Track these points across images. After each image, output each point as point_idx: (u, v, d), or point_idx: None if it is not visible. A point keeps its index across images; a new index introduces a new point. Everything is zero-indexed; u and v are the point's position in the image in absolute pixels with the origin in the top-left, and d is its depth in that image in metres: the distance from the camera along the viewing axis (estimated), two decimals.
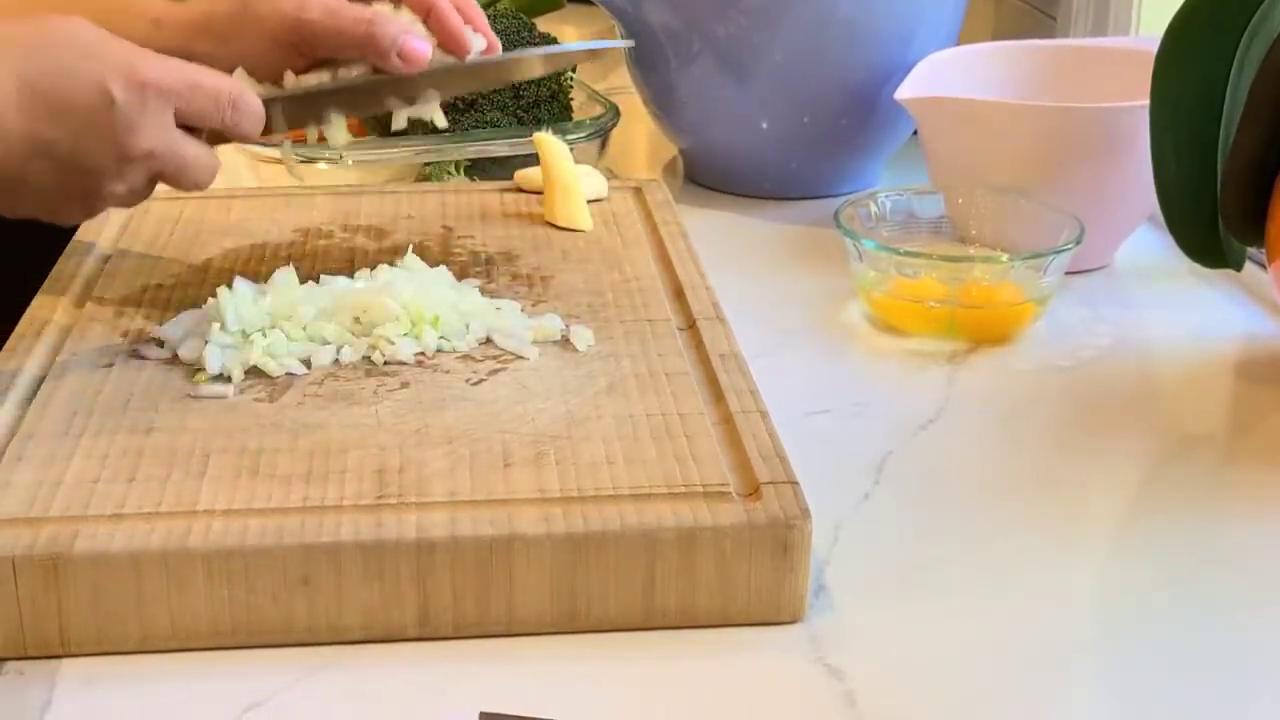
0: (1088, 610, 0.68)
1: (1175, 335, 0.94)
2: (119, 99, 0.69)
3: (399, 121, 0.85)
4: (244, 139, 0.77)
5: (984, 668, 0.63)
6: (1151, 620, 0.66)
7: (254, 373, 0.76)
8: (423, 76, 0.81)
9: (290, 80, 0.81)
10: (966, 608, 0.67)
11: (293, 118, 0.81)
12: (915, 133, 1.05)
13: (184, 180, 0.74)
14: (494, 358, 0.78)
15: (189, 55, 0.76)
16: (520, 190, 1.03)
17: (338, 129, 0.83)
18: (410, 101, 0.84)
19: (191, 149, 0.73)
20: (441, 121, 0.85)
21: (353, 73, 0.81)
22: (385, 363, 0.77)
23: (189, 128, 0.73)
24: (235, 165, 1.12)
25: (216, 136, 0.76)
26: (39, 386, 0.75)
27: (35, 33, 0.69)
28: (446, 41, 0.81)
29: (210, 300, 0.80)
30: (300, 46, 0.80)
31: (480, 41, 0.83)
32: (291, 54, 0.81)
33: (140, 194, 0.74)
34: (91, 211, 0.74)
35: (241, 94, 0.74)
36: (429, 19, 0.81)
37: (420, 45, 0.79)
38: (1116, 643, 0.65)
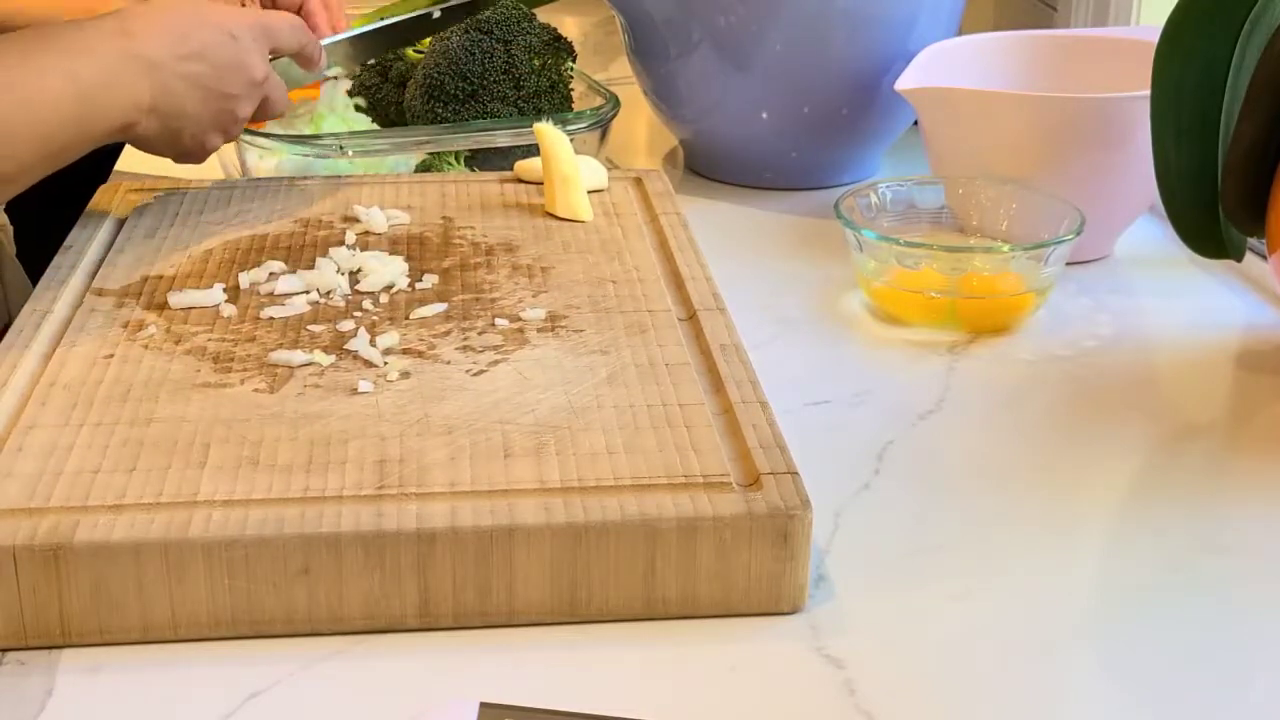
0: (1087, 597, 0.68)
1: (1175, 325, 0.94)
2: (239, 35, 0.89)
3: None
4: (311, 66, 0.99)
5: (983, 656, 0.63)
6: (1151, 607, 0.66)
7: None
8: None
9: None
10: (966, 596, 0.67)
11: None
12: (916, 122, 1.05)
13: (277, 105, 0.94)
14: (494, 348, 0.78)
15: None
16: (520, 181, 1.03)
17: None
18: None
19: (278, 78, 0.94)
20: None
21: None
22: (385, 352, 0.77)
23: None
24: (234, 157, 1.12)
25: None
26: (39, 377, 0.75)
27: (159, 5, 0.88)
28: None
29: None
30: None
31: None
32: None
33: (245, 122, 0.93)
34: (229, 135, 0.92)
35: (304, 27, 0.96)
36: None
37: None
38: (1116, 629, 0.65)
